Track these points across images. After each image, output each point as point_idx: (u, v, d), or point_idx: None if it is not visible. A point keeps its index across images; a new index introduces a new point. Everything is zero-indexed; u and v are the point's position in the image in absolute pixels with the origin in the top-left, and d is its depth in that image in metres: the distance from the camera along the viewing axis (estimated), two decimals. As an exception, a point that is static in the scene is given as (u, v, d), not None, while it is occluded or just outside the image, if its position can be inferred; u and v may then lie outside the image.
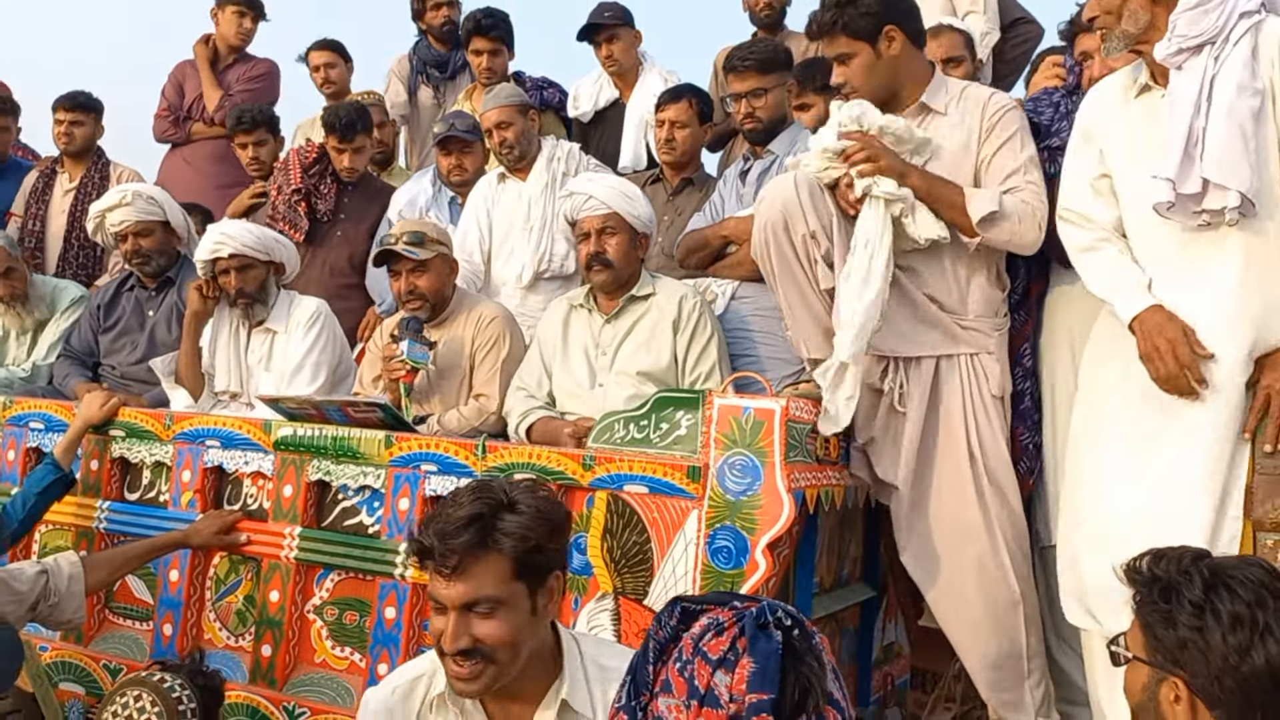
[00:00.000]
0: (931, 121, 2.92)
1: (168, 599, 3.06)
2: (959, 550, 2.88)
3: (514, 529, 1.76)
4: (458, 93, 5.11)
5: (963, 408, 2.87)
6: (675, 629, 1.17)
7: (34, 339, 4.12)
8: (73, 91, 5.00)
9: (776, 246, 2.86)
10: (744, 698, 1.09)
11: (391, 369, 3.24)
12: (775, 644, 1.11)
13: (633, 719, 1.14)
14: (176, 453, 3.14)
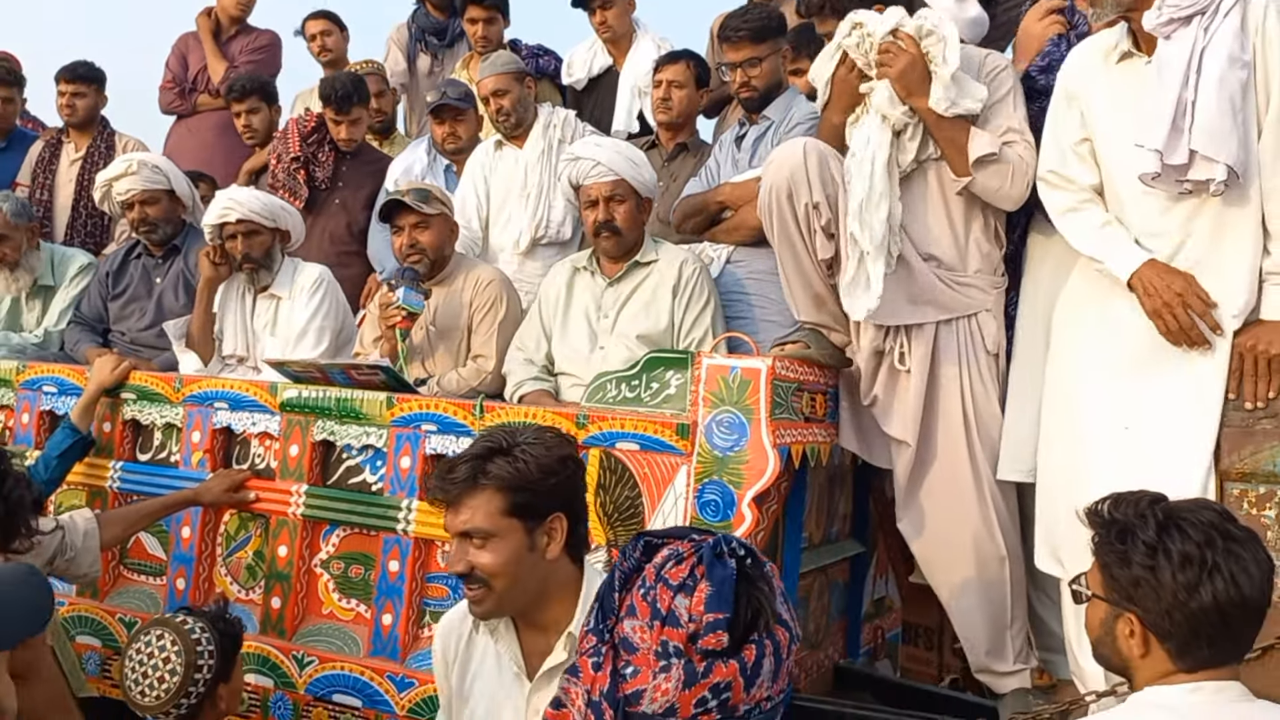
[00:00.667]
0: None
1: (180, 554, 3.18)
2: (949, 507, 2.97)
3: (501, 471, 1.90)
4: (456, 60, 5.16)
5: (959, 368, 2.94)
6: (639, 560, 1.28)
7: (45, 305, 4.22)
8: (74, 63, 5.04)
9: (779, 212, 2.94)
10: (701, 617, 1.19)
11: (388, 316, 3.32)
12: (730, 570, 1.22)
13: (601, 640, 1.24)
14: (186, 414, 3.24)
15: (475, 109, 4.35)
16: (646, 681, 1.19)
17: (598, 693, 1.21)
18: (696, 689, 1.18)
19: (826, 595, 3.42)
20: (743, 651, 1.21)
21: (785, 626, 1.26)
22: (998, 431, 2.95)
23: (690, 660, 1.19)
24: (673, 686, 1.18)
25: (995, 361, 2.98)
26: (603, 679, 1.22)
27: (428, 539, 2.88)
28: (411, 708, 2.77)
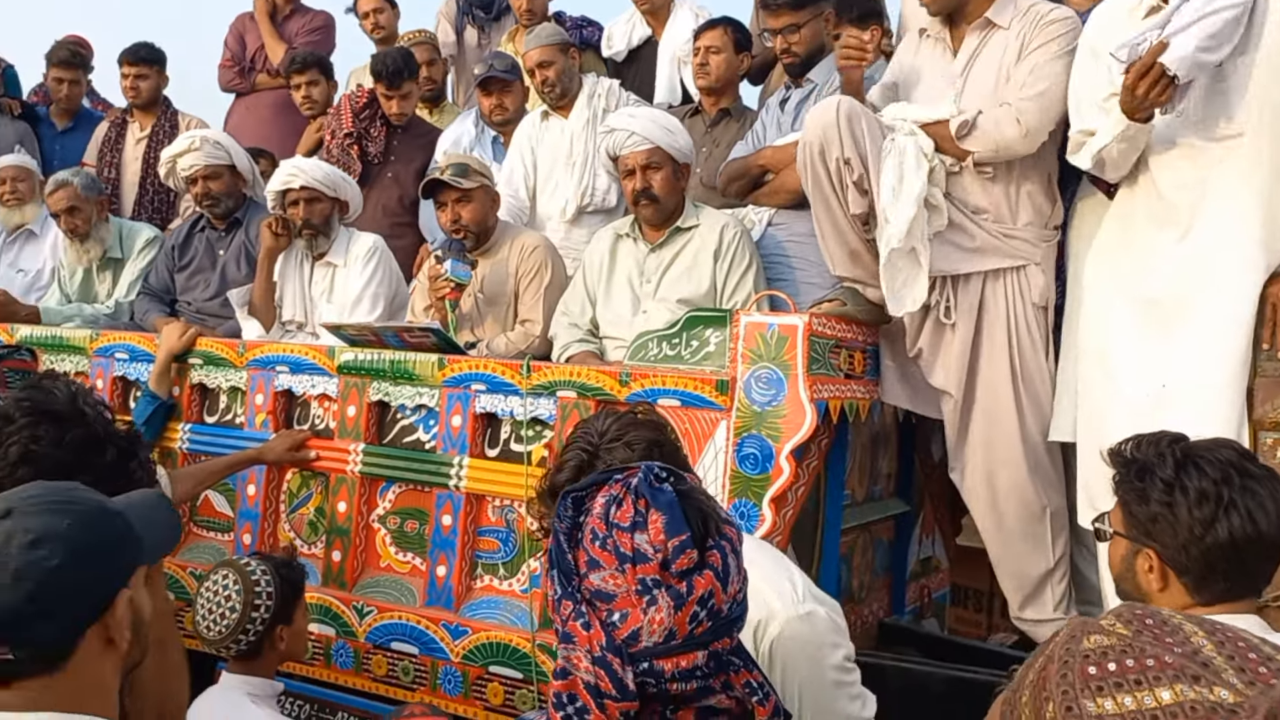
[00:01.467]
0: (991, 36, 2.97)
1: (246, 511, 3.33)
2: (995, 456, 3.01)
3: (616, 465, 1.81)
4: (502, 33, 5.24)
5: (1007, 320, 2.97)
6: (574, 518, 1.32)
7: (115, 278, 4.41)
8: (136, 45, 5.21)
9: (813, 169, 3.00)
10: (665, 545, 1.24)
11: (437, 288, 3.44)
12: (669, 494, 1.27)
13: (575, 600, 1.28)
14: (250, 378, 3.39)
15: (521, 81, 4.43)
16: (639, 620, 1.23)
17: (598, 649, 1.24)
18: (686, 608, 1.23)
19: (870, 552, 3.48)
20: (709, 559, 1.26)
21: (729, 523, 1.32)
22: (1043, 383, 2.98)
23: (671, 586, 1.24)
24: (666, 615, 1.23)
25: (1044, 315, 2.99)
26: (598, 635, 1.25)
27: (478, 494, 2.99)
28: (465, 654, 2.89)
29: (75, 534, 1.31)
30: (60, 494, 1.36)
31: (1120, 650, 0.80)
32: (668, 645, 1.24)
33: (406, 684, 2.95)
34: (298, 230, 3.79)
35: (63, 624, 1.29)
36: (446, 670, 2.91)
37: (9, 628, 1.26)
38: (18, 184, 4.73)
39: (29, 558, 1.27)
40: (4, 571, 1.26)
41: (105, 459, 1.69)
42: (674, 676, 1.25)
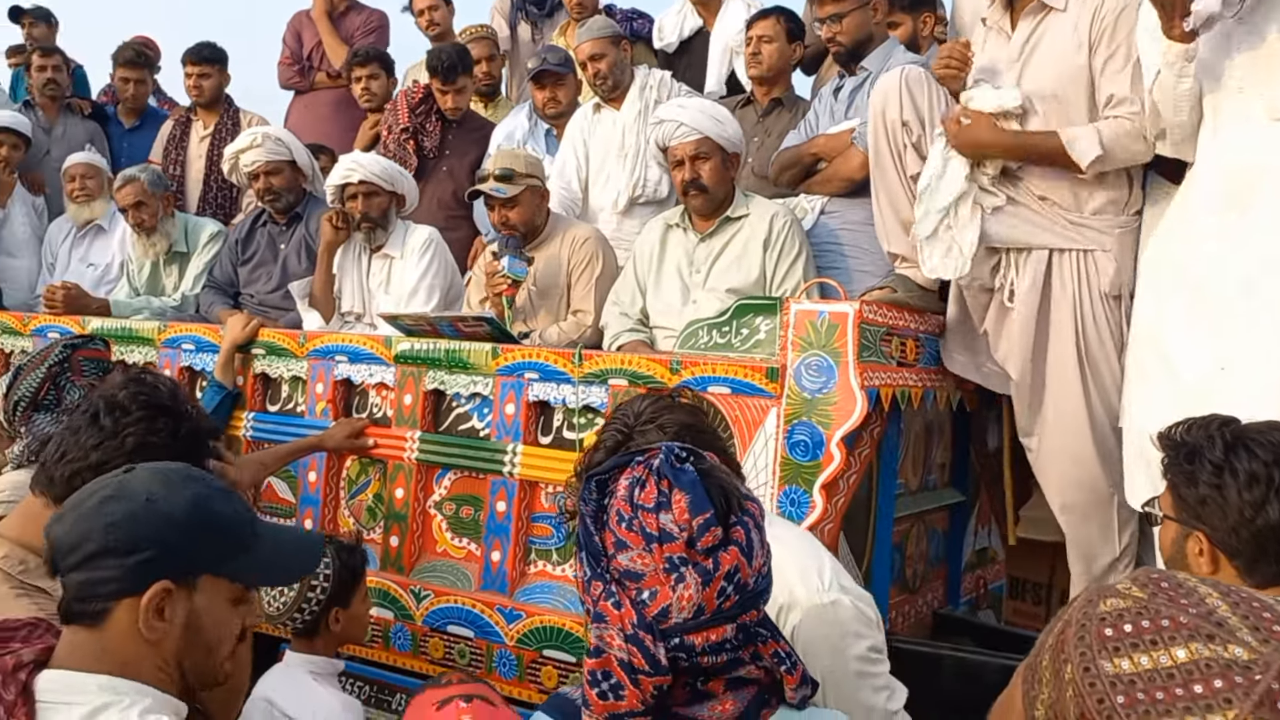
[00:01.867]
0: (1048, 19, 2.93)
1: (307, 497, 3.42)
2: (1063, 443, 2.99)
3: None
4: (555, 28, 5.30)
5: (1073, 305, 2.93)
6: (598, 500, 1.35)
7: (181, 271, 4.54)
8: (199, 45, 5.34)
9: (874, 133, 3.05)
10: (690, 524, 1.28)
11: (494, 284, 3.50)
12: (691, 473, 1.31)
13: (605, 581, 1.31)
14: (310, 368, 3.47)
15: (574, 74, 4.48)
16: (669, 598, 1.27)
17: (630, 627, 1.28)
18: (714, 584, 1.27)
19: (924, 542, 3.47)
20: (734, 535, 1.29)
21: (750, 499, 1.35)
22: (1111, 373, 2.93)
23: (698, 563, 1.27)
24: (694, 591, 1.26)
25: (1116, 305, 2.94)
26: (629, 613, 1.28)
27: (532, 480, 3.04)
28: (520, 638, 2.94)
29: (148, 507, 1.38)
30: (178, 473, 1.46)
31: (1136, 612, 0.82)
32: (697, 620, 1.27)
33: (463, 667, 3.01)
34: (356, 224, 3.87)
35: (97, 580, 1.38)
36: (501, 654, 2.97)
37: (58, 557, 1.39)
38: (87, 181, 4.89)
39: (97, 508, 1.39)
40: (76, 510, 1.40)
41: (204, 454, 1.77)
42: (704, 650, 1.28)
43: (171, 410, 1.80)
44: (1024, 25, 2.98)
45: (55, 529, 1.40)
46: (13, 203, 5.14)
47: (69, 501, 1.45)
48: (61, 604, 1.41)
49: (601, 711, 1.29)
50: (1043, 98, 2.91)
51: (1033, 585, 4.72)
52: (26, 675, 1.36)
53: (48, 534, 1.41)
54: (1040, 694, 0.85)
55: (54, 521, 1.42)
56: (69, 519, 1.41)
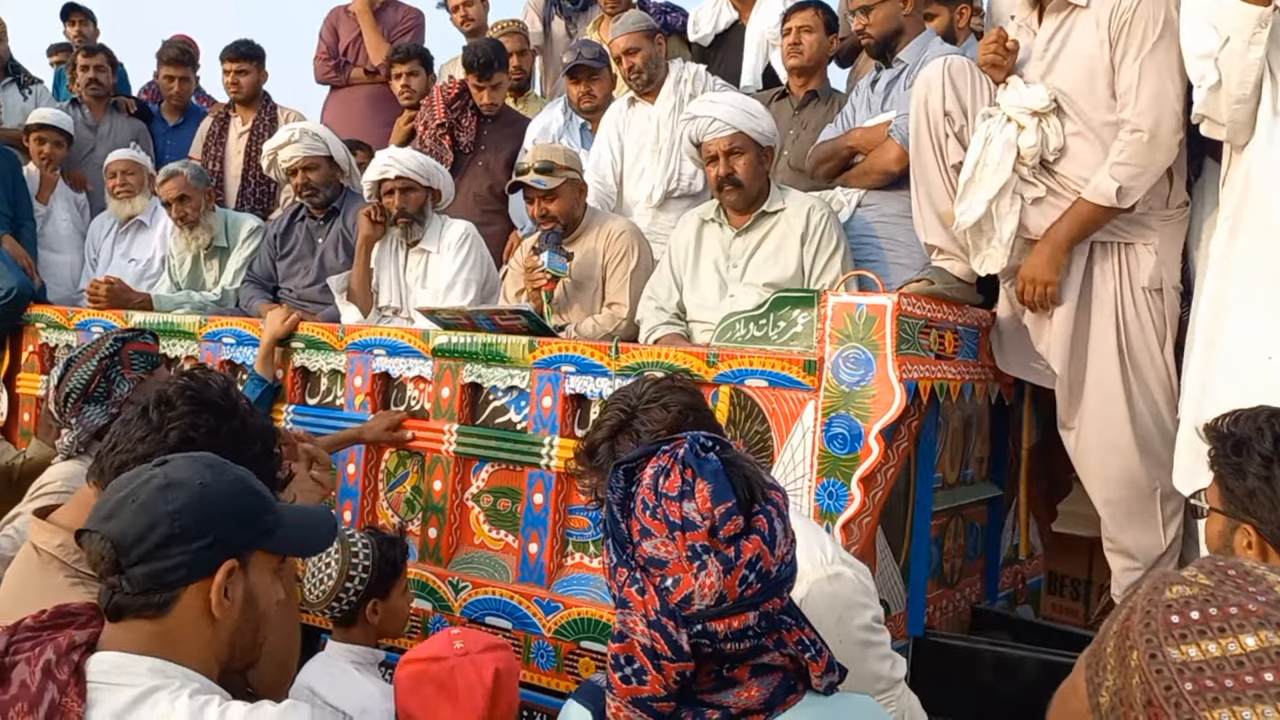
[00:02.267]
0: (1073, 16, 2.92)
1: (346, 489, 3.45)
2: (1103, 437, 2.98)
3: (647, 428, 1.91)
4: (588, 23, 5.30)
5: (1114, 299, 2.93)
6: (625, 488, 1.37)
7: (221, 266, 4.59)
8: (236, 42, 5.39)
9: (916, 122, 3.06)
10: (713, 512, 1.29)
11: (534, 279, 3.51)
12: (715, 462, 1.32)
13: (630, 568, 1.33)
14: (349, 361, 3.50)
15: (609, 68, 4.48)
16: (691, 585, 1.28)
17: (653, 613, 1.30)
18: (735, 572, 1.28)
19: (962, 536, 3.45)
20: (756, 524, 1.31)
21: (775, 488, 1.37)
22: (1154, 368, 2.92)
23: (720, 551, 1.29)
24: (716, 579, 1.28)
25: (1158, 298, 2.93)
26: (652, 599, 1.30)
27: (568, 473, 3.05)
28: (557, 629, 2.95)
29: (204, 492, 1.43)
30: (215, 459, 1.49)
31: (1203, 599, 0.81)
32: (719, 608, 1.28)
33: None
34: (393, 219, 3.90)
35: (165, 568, 1.40)
36: (539, 645, 2.98)
37: (120, 554, 1.39)
38: (128, 177, 4.95)
39: (155, 497, 1.40)
40: (132, 504, 1.41)
41: (250, 452, 1.79)
42: (727, 637, 1.30)
43: (217, 407, 1.83)
44: (1049, 22, 2.96)
45: (110, 526, 1.40)
46: (55, 199, 5.22)
47: (109, 500, 1.44)
48: (110, 600, 1.41)
49: (625, 695, 1.31)
50: (1068, 95, 2.90)
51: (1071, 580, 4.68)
52: (79, 656, 1.39)
53: (103, 533, 1.40)
54: (1105, 681, 0.84)
55: (103, 520, 1.41)
56: (126, 513, 1.41)
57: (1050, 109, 2.86)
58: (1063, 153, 2.92)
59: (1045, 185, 2.93)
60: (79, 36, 6.46)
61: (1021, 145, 2.87)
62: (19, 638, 1.40)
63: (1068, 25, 2.92)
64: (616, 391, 2.04)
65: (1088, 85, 2.87)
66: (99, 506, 1.45)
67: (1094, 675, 0.86)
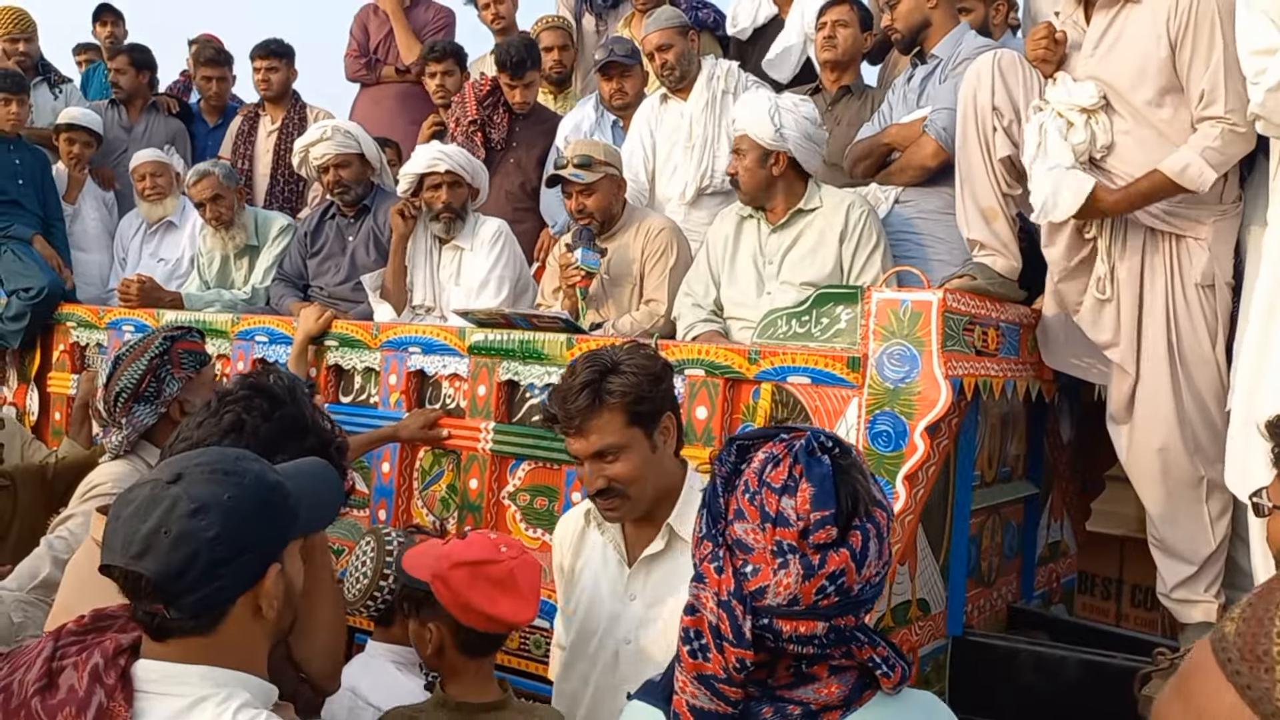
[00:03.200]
0: (1125, 11, 2.88)
1: (381, 488, 3.44)
2: (1152, 434, 2.96)
3: (619, 387, 2.07)
4: (619, 20, 5.29)
5: (1165, 294, 2.91)
6: (735, 464, 1.36)
7: (251, 264, 4.59)
8: (266, 40, 5.41)
9: (963, 115, 3.05)
10: (808, 515, 1.28)
11: (568, 276, 3.50)
12: (826, 466, 1.30)
13: (716, 543, 1.33)
14: (383, 359, 3.49)
15: (640, 65, 4.46)
16: (768, 578, 1.28)
17: (725, 594, 1.29)
18: (814, 580, 1.27)
19: (999, 535, 3.42)
20: (850, 539, 1.28)
21: (881, 507, 1.34)
22: (1203, 364, 2.89)
23: (805, 555, 1.27)
24: (793, 581, 1.27)
25: (1210, 294, 2.89)
26: (728, 580, 1.30)
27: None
28: (595, 628, 2.93)
29: (235, 506, 1.37)
30: (227, 463, 1.43)
31: None
32: (790, 609, 1.28)
33: (539, 656, 3.01)
34: (435, 214, 3.87)
35: (215, 590, 1.36)
36: (577, 644, 2.96)
37: (166, 588, 1.34)
38: (157, 179, 4.96)
39: (190, 525, 1.34)
40: (166, 536, 1.33)
41: (305, 444, 1.76)
42: (791, 639, 1.29)
43: (274, 395, 1.81)
44: (1099, 19, 2.93)
45: (148, 564, 1.33)
46: (84, 199, 5.23)
47: (130, 531, 1.35)
48: (154, 624, 1.37)
49: (691, 670, 1.31)
50: (1119, 90, 2.87)
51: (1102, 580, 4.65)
52: (126, 661, 1.38)
53: (142, 572, 1.33)
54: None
55: (136, 557, 1.34)
56: (161, 548, 1.33)
57: (1099, 106, 2.84)
58: (1110, 149, 2.89)
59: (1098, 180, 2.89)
60: (110, 38, 6.48)
61: (1071, 141, 2.84)
62: (64, 642, 1.39)
63: (1120, 20, 2.89)
64: (590, 352, 2.20)
65: (1139, 80, 2.83)
66: (119, 536, 1.36)
67: (1256, 679, 0.82)
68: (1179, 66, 2.79)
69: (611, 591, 2.19)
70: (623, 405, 2.07)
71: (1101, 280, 2.95)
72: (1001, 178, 3.02)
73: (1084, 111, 2.84)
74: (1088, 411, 3.77)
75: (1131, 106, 2.86)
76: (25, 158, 4.89)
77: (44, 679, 1.34)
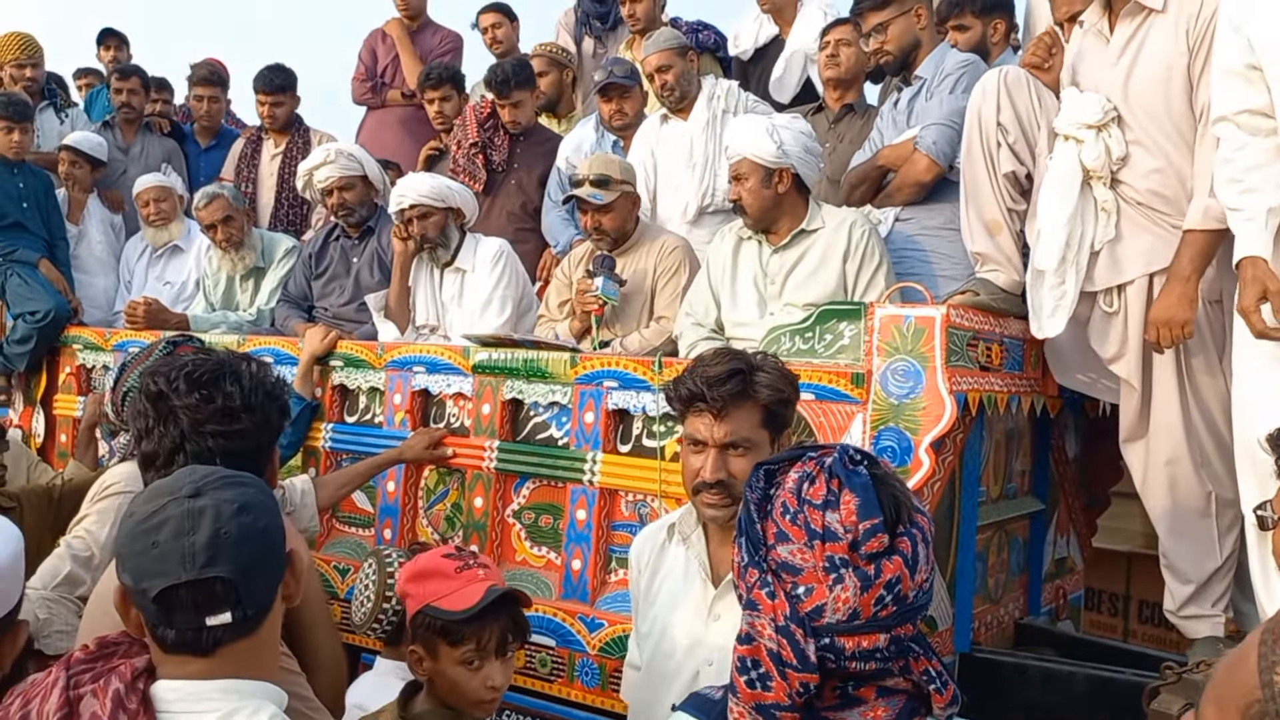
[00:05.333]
0: (1149, 21, 2.86)
1: (386, 507, 3.44)
2: (1160, 449, 2.95)
3: (767, 383, 2.06)
4: (619, 42, 5.33)
5: None
6: (764, 489, 1.35)
7: (256, 286, 4.61)
8: (269, 74, 5.40)
9: (969, 130, 3.06)
10: (857, 527, 1.27)
11: (585, 302, 3.53)
12: (864, 476, 1.30)
13: (762, 570, 1.31)
14: (388, 378, 3.50)
15: (640, 86, 4.50)
16: (824, 596, 1.26)
17: (782, 619, 1.27)
18: (872, 591, 1.26)
19: (1006, 551, 3.42)
20: (899, 545, 1.28)
21: (920, 512, 1.34)
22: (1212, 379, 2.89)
23: (859, 567, 1.26)
24: (851, 594, 1.26)
25: (1216, 309, 2.89)
26: (782, 605, 1.28)
27: (611, 489, 3.03)
28: (602, 646, 2.93)
29: (260, 499, 1.43)
30: (225, 471, 1.48)
31: None
32: (850, 624, 1.26)
33: (544, 675, 3.01)
34: (418, 245, 3.91)
35: (272, 579, 1.42)
36: (583, 662, 2.96)
37: (244, 586, 1.37)
38: (160, 204, 4.99)
39: (244, 522, 1.38)
40: (228, 538, 1.36)
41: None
42: (854, 655, 1.27)
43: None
44: (1123, 28, 2.91)
45: (223, 567, 1.34)
46: (89, 221, 5.26)
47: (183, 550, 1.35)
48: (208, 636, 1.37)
49: (749, 700, 1.29)
50: (1142, 102, 2.85)
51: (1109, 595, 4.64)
52: (144, 684, 1.38)
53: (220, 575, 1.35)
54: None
55: (206, 565, 1.34)
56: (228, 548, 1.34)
57: (1109, 119, 2.84)
58: (1125, 161, 2.88)
59: (1115, 220, 2.89)
60: (114, 61, 6.53)
61: (1086, 160, 2.83)
62: (75, 671, 1.39)
63: (1143, 31, 2.87)
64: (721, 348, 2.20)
65: (1163, 90, 2.81)
66: (170, 558, 1.35)
67: (1269, 652, 0.83)
68: (1191, 77, 2.79)
69: (694, 611, 2.13)
70: (764, 404, 2.06)
71: (1109, 293, 2.95)
72: (1006, 193, 3.03)
73: (1092, 128, 2.84)
74: (1092, 427, 3.77)
75: (1153, 115, 2.83)
76: (29, 181, 4.92)
77: (64, 708, 1.34)
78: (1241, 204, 2.49)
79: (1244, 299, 2.43)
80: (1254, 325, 2.40)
